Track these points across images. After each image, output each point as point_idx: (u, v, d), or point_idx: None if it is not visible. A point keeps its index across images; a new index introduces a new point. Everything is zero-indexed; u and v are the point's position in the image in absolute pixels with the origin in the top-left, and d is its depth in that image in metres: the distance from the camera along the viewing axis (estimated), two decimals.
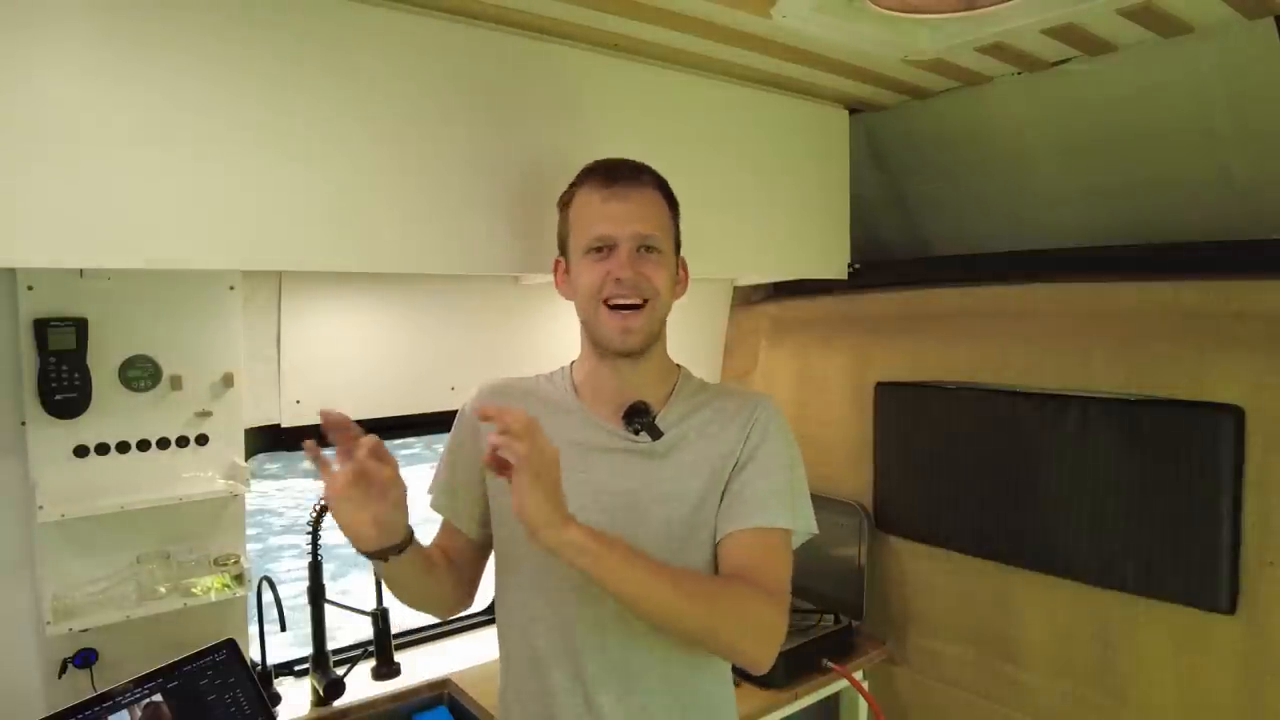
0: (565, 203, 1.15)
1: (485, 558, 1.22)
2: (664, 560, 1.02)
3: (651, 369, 1.15)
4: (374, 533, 0.95)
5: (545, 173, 1.32)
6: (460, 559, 1.18)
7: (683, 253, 1.18)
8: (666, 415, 1.13)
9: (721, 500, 1.10)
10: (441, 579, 1.13)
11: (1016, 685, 1.79)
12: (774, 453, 1.11)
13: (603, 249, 1.08)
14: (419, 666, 1.83)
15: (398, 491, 0.96)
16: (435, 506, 1.21)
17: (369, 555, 0.99)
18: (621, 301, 1.07)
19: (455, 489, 1.19)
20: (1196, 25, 1.35)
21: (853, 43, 1.41)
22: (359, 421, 0.96)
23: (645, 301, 1.08)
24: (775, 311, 2.32)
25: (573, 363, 1.21)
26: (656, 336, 1.13)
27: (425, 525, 1.12)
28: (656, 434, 1.09)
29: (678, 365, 1.21)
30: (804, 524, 1.11)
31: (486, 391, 1.20)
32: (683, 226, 1.18)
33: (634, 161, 1.13)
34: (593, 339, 1.13)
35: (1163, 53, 1.43)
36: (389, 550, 0.98)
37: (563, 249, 1.16)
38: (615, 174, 1.10)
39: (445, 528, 1.21)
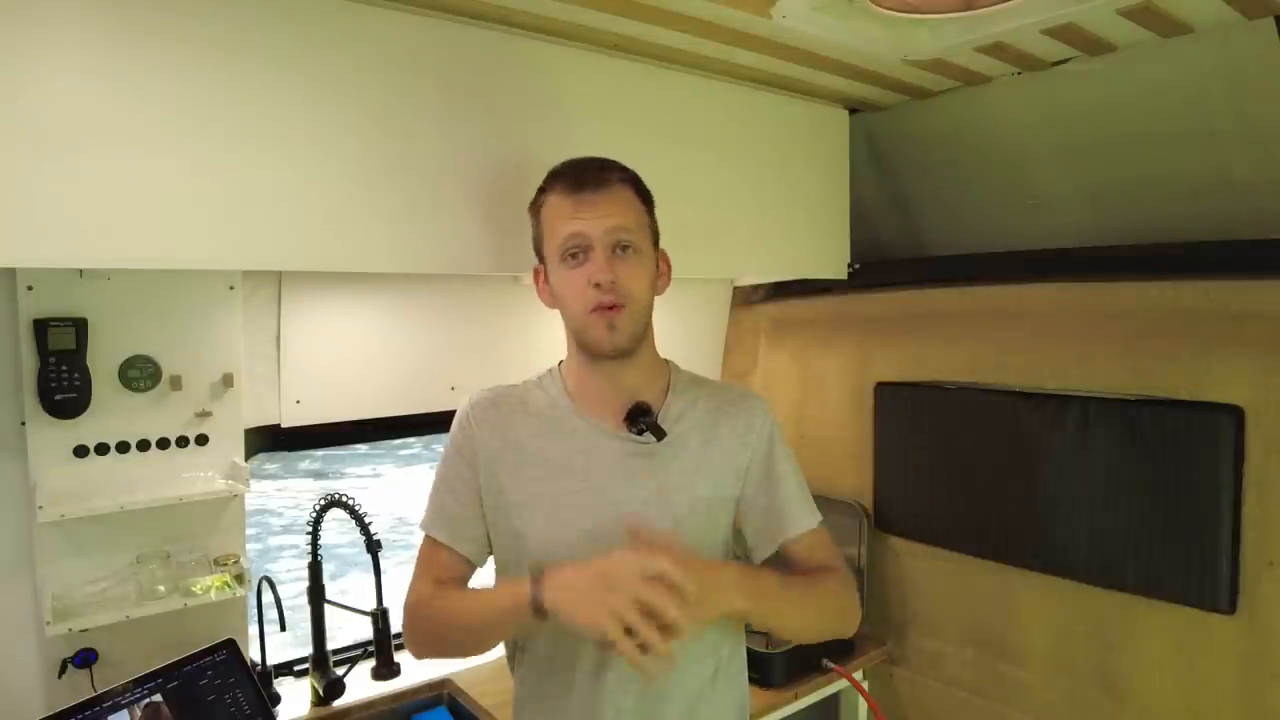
0: (536, 208, 1.13)
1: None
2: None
3: (643, 366, 1.14)
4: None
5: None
6: (463, 583, 1.15)
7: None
8: (666, 413, 1.14)
9: (742, 513, 1.15)
10: None
11: (1016, 685, 1.79)
12: (784, 460, 1.18)
13: (578, 253, 1.06)
14: (419, 667, 1.82)
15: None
16: (439, 537, 1.14)
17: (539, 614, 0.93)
18: (604, 304, 1.06)
19: (458, 518, 1.14)
20: (1196, 25, 1.35)
21: (853, 43, 1.41)
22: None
23: (622, 305, 1.06)
24: (775, 311, 2.32)
25: (560, 364, 1.20)
26: (643, 335, 1.12)
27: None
28: (660, 434, 1.10)
29: (666, 360, 1.22)
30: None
31: (480, 403, 1.16)
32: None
33: (601, 159, 1.11)
34: (581, 344, 1.12)
35: (1163, 53, 1.43)
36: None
37: (539, 255, 1.14)
38: (583, 174, 1.07)
39: (447, 556, 1.13)
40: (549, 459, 1.11)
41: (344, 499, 1.72)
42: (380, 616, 1.79)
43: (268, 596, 1.60)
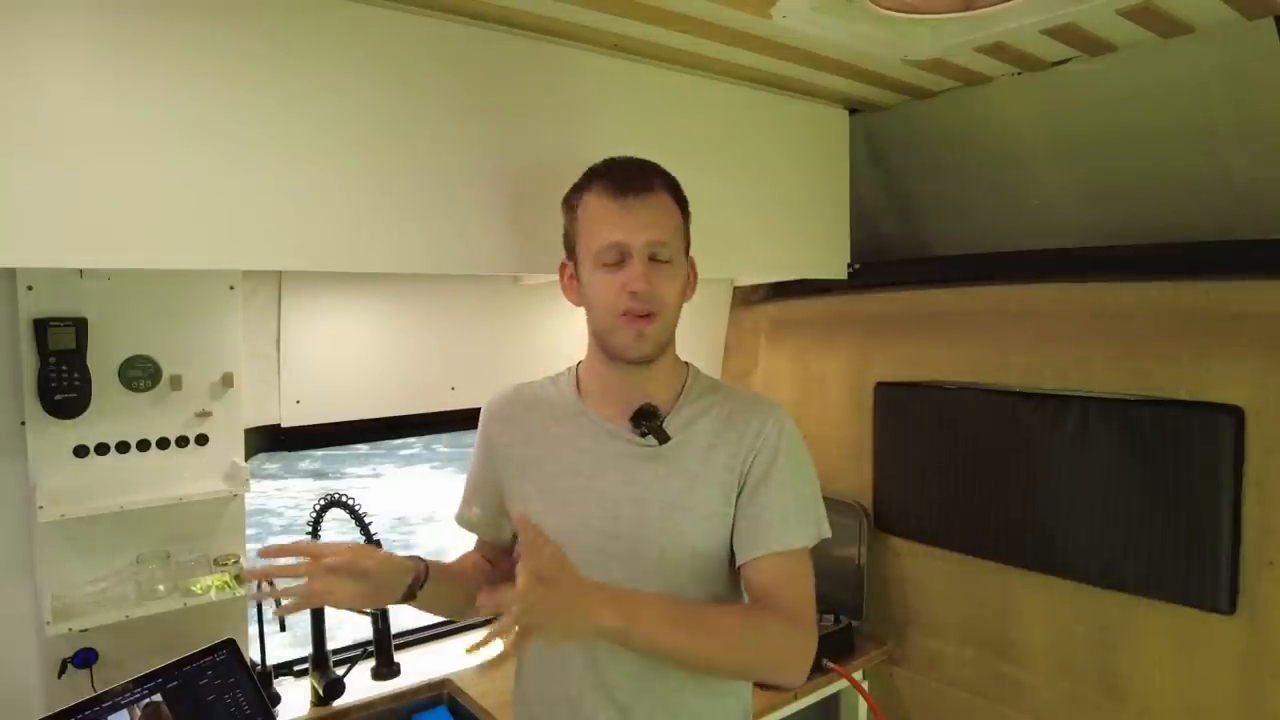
0: (573, 205, 1.11)
1: None
2: (680, 572, 1.07)
3: (661, 371, 1.14)
4: (384, 596, 1.05)
5: (545, 173, 1.32)
6: (498, 557, 1.25)
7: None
8: (674, 418, 1.13)
9: (734, 519, 1.10)
10: (473, 585, 1.09)
11: (1016, 685, 1.79)
12: (786, 470, 1.10)
13: (616, 260, 1.06)
14: (419, 666, 1.83)
15: (373, 563, 1.02)
16: (460, 522, 1.26)
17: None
18: (636, 311, 1.06)
19: (476, 503, 1.24)
20: (1196, 25, 1.35)
21: (853, 43, 1.41)
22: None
23: (655, 313, 1.06)
24: (775, 312, 2.32)
25: (579, 364, 1.21)
26: (668, 343, 1.13)
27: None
28: (664, 437, 1.09)
29: (686, 363, 1.20)
30: (817, 531, 1.11)
31: (496, 401, 1.22)
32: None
33: (645, 164, 1.11)
34: (605, 346, 1.11)
35: (1163, 53, 1.43)
36: (407, 595, 1.06)
37: (570, 252, 1.14)
38: (628, 179, 1.07)
39: (480, 537, 1.27)
40: (557, 455, 1.13)
41: (344, 499, 1.72)
42: (380, 616, 1.79)
43: None
